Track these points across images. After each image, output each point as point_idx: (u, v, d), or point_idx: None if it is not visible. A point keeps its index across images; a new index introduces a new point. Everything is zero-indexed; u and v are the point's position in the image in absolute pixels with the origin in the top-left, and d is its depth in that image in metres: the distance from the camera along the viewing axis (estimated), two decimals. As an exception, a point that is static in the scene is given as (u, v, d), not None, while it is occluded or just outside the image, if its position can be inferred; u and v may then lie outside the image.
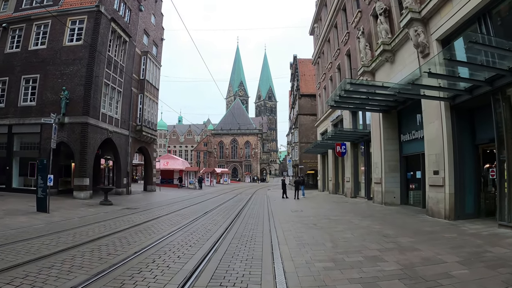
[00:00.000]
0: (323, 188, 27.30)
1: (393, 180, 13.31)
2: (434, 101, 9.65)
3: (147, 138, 24.21)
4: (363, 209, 12.35)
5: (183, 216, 10.78)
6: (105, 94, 19.48)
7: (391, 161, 13.41)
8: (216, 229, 8.09)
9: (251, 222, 9.28)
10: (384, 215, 10.38)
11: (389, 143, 13.49)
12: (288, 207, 14.16)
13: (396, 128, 13.62)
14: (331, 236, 6.87)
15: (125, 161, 21.33)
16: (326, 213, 11.38)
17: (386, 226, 8.15)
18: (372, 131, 14.50)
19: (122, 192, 20.85)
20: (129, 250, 5.84)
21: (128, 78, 21.85)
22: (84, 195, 16.91)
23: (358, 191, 17.68)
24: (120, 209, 13.32)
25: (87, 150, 17.40)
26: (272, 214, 11.02)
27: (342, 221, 9.26)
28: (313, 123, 33.70)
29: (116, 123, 20.45)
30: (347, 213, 11.16)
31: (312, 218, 9.95)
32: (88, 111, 17.64)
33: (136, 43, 23.47)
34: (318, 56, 28.00)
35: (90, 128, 17.72)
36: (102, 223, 9.26)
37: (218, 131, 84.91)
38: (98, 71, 18.67)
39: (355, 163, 17.97)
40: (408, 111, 12.66)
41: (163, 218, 10.29)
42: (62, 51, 18.83)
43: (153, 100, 25.31)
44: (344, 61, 19.59)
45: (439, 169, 9.43)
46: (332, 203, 15.33)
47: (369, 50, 15.11)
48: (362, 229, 7.86)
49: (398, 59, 12.34)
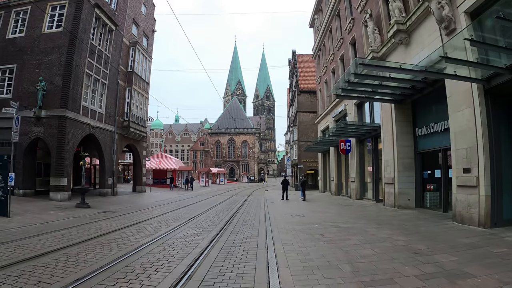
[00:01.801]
0: (324, 188, 25.66)
1: (408, 180, 11.70)
2: (462, 86, 8.08)
3: (135, 135, 22.45)
4: (375, 214, 10.72)
5: (164, 223, 9.11)
6: (87, 85, 17.78)
7: (405, 158, 11.81)
8: (199, 241, 6.43)
9: (243, 232, 7.62)
10: (402, 221, 8.75)
11: (402, 138, 11.89)
12: (288, 211, 12.50)
13: (410, 121, 12.02)
14: (347, 254, 5.22)
15: (110, 159, 19.60)
16: (333, 218, 9.73)
17: (412, 238, 6.53)
18: (383, 125, 12.89)
19: (107, 193, 19.13)
20: (68, 277, 4.17)
21: (114, 70, 20.14)
22: (61, 196, 15.20)
23: (365, 193, 16.06)
24: (95, 213, 11.67)
25: (65, 147, 15.70)
26: (270, 221, 9.35)
27: (354, 229, 7.62)
28: (313, 120, 32.13)
29: (99, 117, 18.73)
30: (358, 219, 9.51)
31: (318, 225, 8.30)
32: (66, 104, 15.93)
33: (124, 33, 21.76)
34: (319, 49, 26.38)
35: (69, 122, 16.01)
36: (64, 232, 7.60)
37: (215, 130, 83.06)
38: (79, 60, 16.98)
39: (361, 162, 16.34)
40: (425, 100, 11.07)
41: (140, 225, 8.62)
42: (40, 39, 17.18)
43: (143, 94, 23.59)
44: (348, 50, 17.99)
45: (470, 166, 7.82)
46: (337, 206, 13.68)
47: (378, 34, 13.52)
48: (382, 241, 6.23)
49: (414, 40, 10.74)
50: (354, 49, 17.56)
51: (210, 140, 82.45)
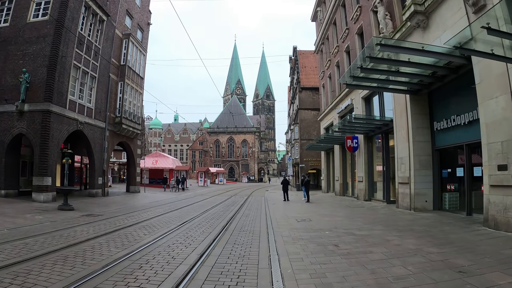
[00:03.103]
0: (328, 189, 24.45)
1: (425, 179, 10.53)
2: (496, 69, 6.94)
3: (128, 132, 21.21)
4: (390, 218, 9.51)
5: (150, 229, 7.91)
6: (74, 78, 16.58)
7: (421, 155, 10.63)
8: (185, 256, 5.23)
9: (241, 242, 6.41)
10: (426, 227, 7.56)
11: (418, 133, 10.71)
12: (291, 214, 11.29)
13: (426, 114, 10.86)
14: (374, 275, 4.02)
15: (100, 158, 18.39)
16: (344, 224, 8.51)
17: (446, 249, 5.35)
18: (396, 119, 11.70)
19: (97, 194, 17.93)
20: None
21: (105, 63, 18.94)
22: (44, 197, 14.01)
23: (373, 193, 14.87)
24: (77, 217, 10.47)
25: (49, 144, 14.50)
26: (272, 226, 8.14)
27: (373, 238, 6.42)
28: (315, 118, 30.97)
29: (89, 113, 17.52)
30: (373, 224, 8.30)
31: (328, 232, 7.09)
32: (51, 97, 14.74)
33: (117, 24, 20.56)
34: (322, 43, 25.17)
35: (54, 117, 14.82)
36: (28, 240, 6.41)
37: (214, 129, 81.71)
38: (65, 51, 15.80)
39: (369, 160, 15.13)
40: (445, 90, 9.90)
41: (121, 233, 7.42)
42: (25, 29, 16.03)
43: (137, 89, 22.37)
44: (355, 41, 16.79)
45: (507, 162, 6.65)
46: (345, 209, 12.46)
47: (389, 20, 12.36)
48: (412, 255, 5.04)
49: (434, 22, 9.55)
50: (361, 39, 16.38)
51: (209, 139, 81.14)
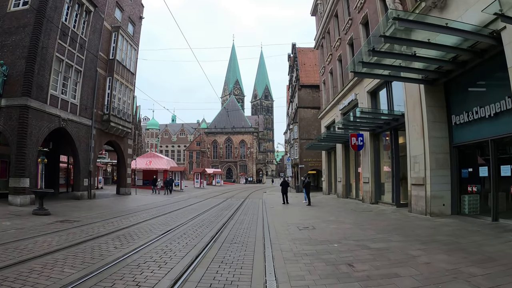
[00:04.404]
0: (329, 190, 23.24)
1: (442, 180, 9.35)
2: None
3: (117, 130, 19.94)
4: (406, 225, 8.30)
5: (123, 241, 6.68)
6: (57, 71, 15.36)
7: (438, 153, 9.45)
8: (156, 281, 4.01)
9: (231, 259, 5.18)
10: (452, 237, 6.36)
11: (435, 128, 9.54)
12: (292, 220, 10.04)
13: (443, 107, 9.69)
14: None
15: (86, 158, 17.12)
16: (354, 233, 7.28)
17: (490, 269, 4.17)
18: (408, 112, 10.52)
19: (82, 197, 16.65)
20: None
21: (91, 56, 17.71)
22: (21, 200, 12.76)
23: (380, 196, 13.66)
24: (50, 223, 9.27)
25: (27, 142, 13.27)
26: (270, 236, 6.91)
27: (393, 253, 5.21)
28: (315, 117, 29.85)
29: (73, 109, 16.27)
30: (387, 233, 7.08)
31: (337, 245, 5.88)
32: (29, 91, 13.52)
33: (105, 16, 19.34)
34: (322, 37, 24.02)
35: (32, 113, 13.60)
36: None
37: (212, 130, 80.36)
38: (47, 42, 14.60)
39: (375, 159, 13.92)
40: (467, 78, 8.76)
41: (88, 245, 6.18)
42: (5, 18, 14.86)
43: (127, 86, 21.13)
44: (359, 31, 15.63)
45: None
46: (351, 213, 11.22)
47: (399, 3, 11.19)
48: (451, 279, 3.85)
49: (454, 1, 8.39)
50: (366, 29, 15.23)
51: (206, 139, 79.82)
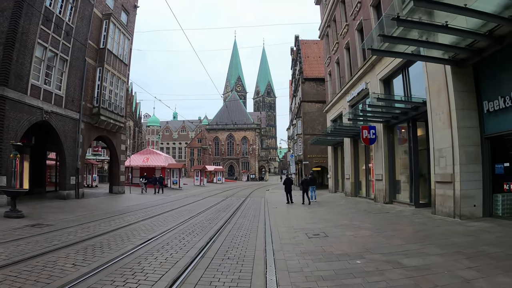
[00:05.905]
0: (336, 188, 21.87)
1: (473, 177, 7.99)
2: None
3: (108, 124, 18.64)
4: (436, 230, 6.91)
5: (91, 254, 5.41)
6: (39, 60, 14.10)
7: (468, 145, 8.08)
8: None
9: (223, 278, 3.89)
10: (503, 248, 5.03)
11: (464, 117, 8.17)
12: (299, 224, 8.61)
13: (472, 92, 8.31)
14: None
15: (73, 154, 15.86)
16: (378, 242, 5.87)
17: None
18: (431, 99, 9.13)
19: (69, 196, 15.42)
20: None
21: (79, 45, 16.41)
22: (-2, 200, 11.53)
23: (395, 194, 12.31)
24: (18, 227, 8.06)
25: (4, 136, 12.06)
26: (273, 247, 5.60)
27: (438, 276, 3.88)
28: (319, 111, 28.47)
29: (58, 101, 15.01)
30: (419, 242, 5.71)
31: (360, 262, 4.56)
32: (6, 80, 12.29)
33: (95, 3, 18.02)
34: (328, 25, 22.57)
35: (10, 104, 12.36)
36: None
37: (213, 126, 79.01)
38: (27, 27, 13.35)
39: (390, 154, 12.54)
40: (501, 58, 7.34)
41: (40, 260, 4.92)
42: (-17, 3, 13.50)
43: (119, 77, 19.83)
44: (369, 14, 14.22)
45: None
46: (366, 215, 9.82)
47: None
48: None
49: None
50: (377, 11, 13.83)
51: (208, 136, 78.54)
